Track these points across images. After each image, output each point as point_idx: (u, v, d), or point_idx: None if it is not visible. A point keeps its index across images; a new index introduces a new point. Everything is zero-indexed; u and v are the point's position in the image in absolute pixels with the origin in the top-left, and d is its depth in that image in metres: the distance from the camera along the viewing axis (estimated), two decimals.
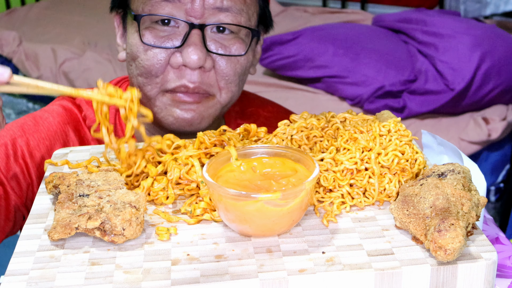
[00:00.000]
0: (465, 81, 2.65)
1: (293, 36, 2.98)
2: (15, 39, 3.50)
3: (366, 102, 2.75)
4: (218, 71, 1.21)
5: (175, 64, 1.19)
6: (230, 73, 1.22)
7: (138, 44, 1.21)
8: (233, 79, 1.23)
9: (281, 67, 2.97)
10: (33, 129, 1.24)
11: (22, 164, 1.20)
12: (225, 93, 1.24)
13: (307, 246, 0.82)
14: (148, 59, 1.20)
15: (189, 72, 1.19)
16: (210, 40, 1.20)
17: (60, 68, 3.32)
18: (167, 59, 1.20)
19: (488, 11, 3.32)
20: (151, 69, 1.20)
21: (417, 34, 2.91)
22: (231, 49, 1.22)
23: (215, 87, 1.23)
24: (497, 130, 2.64)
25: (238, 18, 1.20)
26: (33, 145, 1.22)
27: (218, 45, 1.21)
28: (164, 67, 1.20)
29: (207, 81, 1.21)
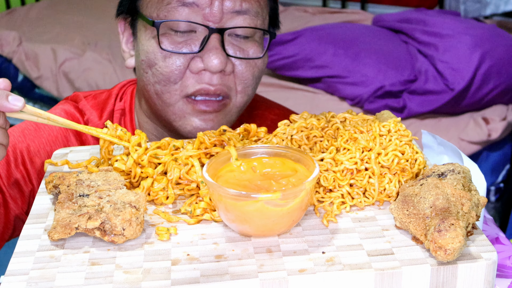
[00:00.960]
0: (465, 81, 2.65)
1: (293, 36, 2.98)
2: (15, 39, 3.50)
3: (366, 102, 2.75)
4: (238, 74, 1.21)
5: (196, 69, 1.18)
6: (249, 76, 1.22)
7: (156, 51, 1.19)
8: (251, 83, 1.23)
9: (281, 67, 2.97)
10: (33, 134, 1.23)
11: (23, 171, 1.20)
12: (241, 97, 1.23)
13: (307, 246, 0.82)
14: (167, 66, 1.18)
15: (209, 76, 1.18)
16: (228, 44, 1.20)
17: (60, 68, 3.32)
18: (186, 64, 1.19)
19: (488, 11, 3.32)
20: (170, 75, 1.19)
21: (417, 34, 2.91)
22: (248, 52, 1.22)
23: (233, 90, 1.22)
24: (497, 130, 2.64)
25: (255, 21, 1.20)
26: (34, 151, 1.22)
27: (236, 48, 1.20)
28: (183, 73, 1.19)
29: (227, 84, 1.21)
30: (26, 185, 1.20)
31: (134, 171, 0.95)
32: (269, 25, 1.28)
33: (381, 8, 4.15)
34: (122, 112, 1.32)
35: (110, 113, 1.31)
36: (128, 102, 1.34)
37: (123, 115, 1.32)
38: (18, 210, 1.19)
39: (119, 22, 1.30)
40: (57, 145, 1.24)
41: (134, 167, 0.95)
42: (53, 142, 1.24)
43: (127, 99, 1.34)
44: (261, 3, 1.22)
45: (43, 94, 3.48)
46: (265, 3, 1.24)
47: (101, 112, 1.31)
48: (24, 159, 1.20)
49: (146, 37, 1.21)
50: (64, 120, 0.99)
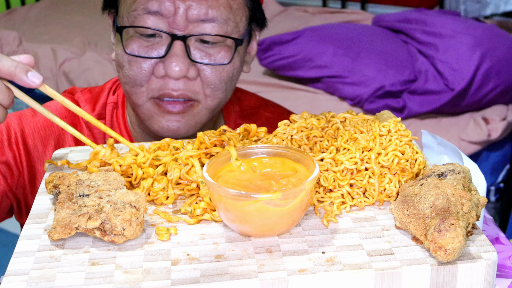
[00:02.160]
0: (465, 81, 2.65)
1: (293, 36, 2.98)
2: (15, 39, 3.50)
3: (366, 102, 2.75)
4: (204, 79, 1.21)
5: (159, 74, 1.20)
6: (216, 81, 1.22)
7: (123, 54, 1.21)
8: (219, 87, 1.23)
9: (281, 67, 2.97)
10: (30, 119, 1.26)
11: (15, 150, 1.22)
12: (210, 100, 1.23)
13: (307, 246, 0.82)
14: (132, 69, 1.20)
15: (172, 81, 1.19)
16: (194, 49, 1.20)
17: (60, 68, 3.32)
18: (151, 69, 1.20)
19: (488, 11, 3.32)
20: (136, 78, 1.20)
21: (417, 34, 2.91)
22: (216, 58, 1.21)
23: (201, 94, 1.22)
24: (497, 130, 2.64)
25: (224, 28, 1.20)
26: (28, 133, 1.24)
27: (203, 53, 1.20)
28: (148, 77, 1.20)
29: (192, 88, 1.21)
30: (16, 165, 1.22)
31: (136, 173, 0.95)
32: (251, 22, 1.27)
33: (381, 8, 4.15)
34: (114, 106, 1.34)
35: (103, 106, 1.33)
36: (121, 95, 1.36)
37: (115, 108, 1.34)
38: (7, 187, 1.21)
39: (109, 16, 1.32)
40: (52, 131, 1.27)
41: (135, 169, 0.95)
42: (48, 128, 1.26)
43: (120, 92, 1.36)
44: (234, 7, 1.21)
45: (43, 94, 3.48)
46: (240, 6, 1.23)
47: (94, 105, 1.33)
48: (18, 140, 1.23)
49: (117, 39, 1.24)
50: (76, 107, 1.02)
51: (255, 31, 1.32)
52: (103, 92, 1.36)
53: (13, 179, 1.22)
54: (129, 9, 1.19)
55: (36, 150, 1.24)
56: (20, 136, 1.23)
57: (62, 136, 1.28)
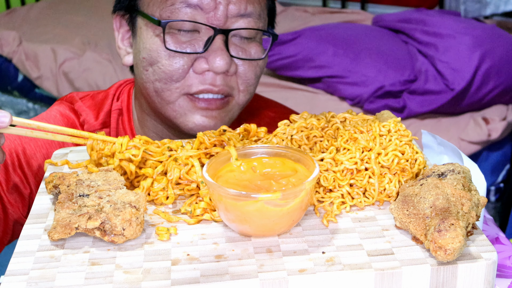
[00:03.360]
0: (465, 81, 2.65)
1: (293, 36, 2.98)
2: (15, 39, 3.50)
3: (366, 102, 2.75)
4: (241, 75, 1.22)
5: (200, 69, 1.19)
6: (252, 76, 1.23)
7: (160, 50, 1.19)
8: (253, 82, 1.25)
9: (281, 67, 2.97)
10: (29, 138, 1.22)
11: (21, 174, 1.19)
12: (243, 95, 1.25)
13: (307, 246, 0.82)
14: (171, 65, 1.19)
15: (212, 76, 1.19)
16: (231, 45, 1.20)
17: (60, 68, 3.32)
18: (190, 64, 1.19)
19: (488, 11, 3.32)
20: (173, 74, 1.19)
21: (417, 34, 2.91)
22: (251, 53, 1.23)
23: (236, 90, 1.23)
24: (497, 130, 2.64)
25: (258, 23, 1.22)
26: (30, 154, 1.21)
27: (239, 49, 1.21)
28: (186, 73, 1.20)
29: (230, 84, 1.22)
30: (25, 188, 1.20)
31: (129, 169, 0.94)
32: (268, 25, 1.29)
33: (381, 8, 4.15)
34: (119, 112, 1.32)
35: (107, 114, 1.31)
36: (125, 101, 1.34)
37: (120, 115, 1.32)
38: (17, 215, 1.19)
39: (114, 18, 1.30)
40: (53, 146, 1.23)
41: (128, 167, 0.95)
42: (49, 144, 1.23)
43: (124, 98, 1.34)
44: (262, 5, 1.23)
45: (43, 94, 3.48)
46: (265, 4, 1.25)
47: (98, 113, 1.30)
48: (21, 162, 1.20)
49: (148, 35, 1.21)
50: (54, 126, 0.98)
51: None
52: (107, 99, 1.34)
53: (24, 203, 1.20)
54: (163, 5, 1.18)
55: (41, 169, 1.22)
56: (23, 157, 1.21)
57: None
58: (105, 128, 1.30)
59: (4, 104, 3.62)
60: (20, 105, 3.59)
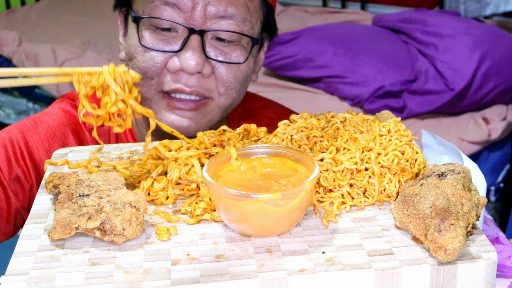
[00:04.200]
0: (465, 81, 2.65)
1: (293, 36, 2.98)
2: (15, 39, 3.50)
3: (366, 102, 2.75)
4: (218, 77, 1.21)
5: (173, 68, 1.19)
6: (231, 79, 1.21)
7: (136, 45, 1.20)
8: (234, 86, 1.22)
9: (281, 67, 2.97)
10: (32, 130, 1.24)
11: (23, 166, 1.20)
12: (224, 98, 1.23)
13: (307, 246, 0.82)
14: (145, 61, 1.19)
15: (186, 77, 1.19)
16: (210, 47, 1.19)
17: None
18: (164, 62, 1.19)
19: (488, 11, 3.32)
20: (147, 71, 1.19)
21: (417, 34, 2.91)
22: (231, 56, 1.20)
23: (215, 92, 1.22)
24: (497, 130, 2.64)
25: (241, 27, 1.19)
26: (32, 147, 1.22)
27: (218, 51, 1.20)
28: (160, 70, 1.19)
29: (206, 86, 1.20)
30: (26, 180, 1.20)
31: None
32: (262, 30, 1.27)
33: (381, 8, 4.15)
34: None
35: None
36: None
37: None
38: (20, 205, 1.19)
39: (119, 14, 1.31)
40: (55, 141, 1.25)
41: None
42: (51, 138, 1.24)
43: None
44: (251, 8, 1.21)
45: (43, 94, 3.48)
46: (256, 8, 1.23)
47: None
48: (24, 154, 1.21)
49: (131, 31, 1.23)
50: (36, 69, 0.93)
51: (265, 41, 1.32)
52: None
53: (25, 195, 1.20)
54: (145, 1, 1.19)
55: (42, 163, 1.22)
56: (26, 150, 1.21)
57: (66, 146, 1.26)
58: (104, 126, 1.30)
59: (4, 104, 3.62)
60: (20, 105, 3.59)
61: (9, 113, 3.61)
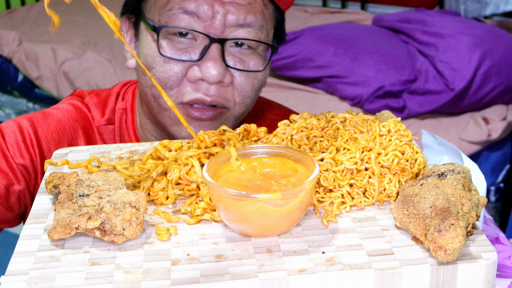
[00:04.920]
0: (465, 81, 2.65)
1: (293, 36, 2.98)
2: (15, 39, 3.51)
3: (366, 102, 2.75)
4: (237, 86, 1.19)
5: (193, 78, 1.17)
6: (248, 88, 1.20)
7: (155, 55, 1.18)
8: (250, 94, 1.21)
9: (281, 67, 2.97)
10: (42, 122, 1.24)
11: (32, 153, 1.20)
12: (240, 108, 1.22)
13: (307, 246, 0.82)
14: (165, 71, 1.17)
15: (206, 86, 1.17)
16: (228, 55, 1.18)
17: (60, 68, 3.32)
18: (184, 72, 1.17)
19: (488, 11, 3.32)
20: (167, 81, 1.17)
21: (417, 34, 2.91)
22: (249, 64, 1.19)
23: (231, 102, 1.20)
24: (497, 130, 2.64)
25: (259, 34, 1.18)
26: (42, 136, 1.22)
27: (237, 60, 1.18)
28: (180, 80, 1.18)
29: (224, 95, 1.19)
30: (33, 168, 1.20)
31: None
32: (274, 37, 1.26)
33: (381, 8, 4.15)
34: (123, 112, 1.32)
35: (112, 111, 1.32)
36: (130, 101, 1.33)
37: (124, 114, 1.32)
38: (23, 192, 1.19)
39: (123, 21, 1.29)
40: (65, 134, 1.25)
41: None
42: (61, 131, 1.24)
43: (128, 98, 1.34)
44: (266, 16, 1.20)
45: (43, 94, 3.48)
46: (271, 15, 1.22)
47: (103, 110, 1.31)
48: (33, 142, 1.21)
49: (147, 40, 1.20)
50: None
51: None
52: (111, 97, 1.33)
53: (31, 181, 1.20)
54: (162, 10, 1.17)
55: (50, 154, 1.22)
56: (35, 138, 1.21)
57: (75, 140, 1.26)
58: (110, 125, 1.31)
59: (4, 104, 3.63)
60: (20, 105, 3.59)
61: (9, 113, 3.61)
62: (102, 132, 1.29)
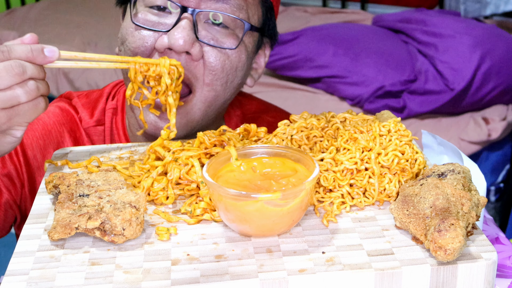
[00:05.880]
0: (465, 81, 2.65)
1: (293, 36, 2.98)
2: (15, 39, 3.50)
3: (366, 102, 2.75)
4: (206, 63, 1.16)
5: (161, 46, 1.15)
6: (218, 67, 1.17)
7: (128, 26, 1.18)
8: (220, 76, 1.18)
9: (281, 67, 2.97)
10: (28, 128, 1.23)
11: (16, 162, 1.19)
12: (207, 90, 1.18)
13: (307, 246, 0.82)
14: (135, 41, 1.16)
15: (174, 56, 1.15)
16: (202, 30, 1.16)
17: (60, 68, 3.32)
18: (154, 42, 1.16)
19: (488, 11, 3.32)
20: (137, 51, 1.16)
21: (417, 34, 2.91)
22: (223, 42, 1.17)
23: (200, 81, 1.18)
24: (497, 130, 2.64)
25: (236, 13, 1.17)
26: (26, 143, 1.21)
27: (210, 36, 1.17)
28: (150, 51, 1.16)
29: (193, 70, 1.16)
30: (18, 177, 1.20)
31: None
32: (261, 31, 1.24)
33: (381, 8, 4.15)
34: (113, 111, 1.31)
35: (102, 112, 1.30)
36: (121, 101, 1.32)
37: (114, 114, 1.31)
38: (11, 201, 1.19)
39: (121, 10, 1.29)
40: (51, 139, 1.24)
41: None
42: (46, 136, 1.23)
43: (119, 97, 1.33)
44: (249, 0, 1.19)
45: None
46: (255, 2, 1.20)
47: (92, 111, 1.30)
48: (17, 151, 1.20)
49: (127, 14, 1.21)
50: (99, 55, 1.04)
51: (265, 47, 1.30)
52: (102, 97, 1.32)
53: (16, 191, 1.19)
54: None
55: (35, 160, 1.21)
56: (20, 146, 1.20)
57: (62, 144, 1.25)
58: (99, 126, 1.29)
59: None
60: None
61: None
62: (91, 134, 1.28)
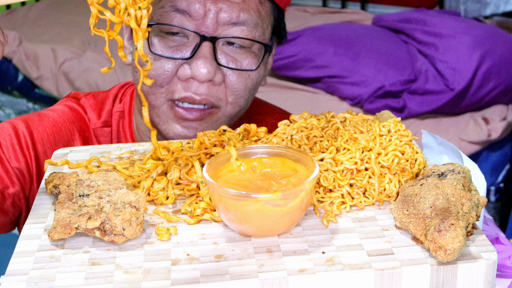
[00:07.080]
0: (465, 81, 2.65)
1: (293, 36, 2.98)
2: (15, 39, 3.50)
3: (366, 102, 2.75)
4: (229, 85, 1.18)
5: (183, 76, 1.16)
6: (241, 88, 1.19)
7: (146, 53, 1.17)
8: (243, 94, 1.20)
9: (281, 67, 2.97)
10: (37, 123, 1.23)
11: (27, 155, 1.19)
12: (232, 107, 1.20)
13: (307, 246, 0.82)
14: (155, 69, 1.16)
15: (196, 84, 1.16)
16: (221, 53, 1.17)
17: (60, 68, 3.32)
18: (175, 70, 1.16)
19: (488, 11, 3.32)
20: (157, 79, 1.17)
21: (417, 34, 2.91)
22: (242, 64, 1.18)
23: (223, 101, 1.19)
24: (497, 130, 2.64)
25: (253, 33, 1.17)
26: (37, 138, 1.21)
27: (229, 58, 1.17)
28: (170, 78, 1.17)
29: (216, 94, 1.18)
30: (28, 171, 1.19)
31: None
32: (273, 35, 1.25)
33: (381, 8, 4.15)
34: (121, 115, 1.31)
35: (109, 114, 1.31)
36: (128, 104, 1.32)
37: (122, 117, 1.31)
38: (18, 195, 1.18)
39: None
40: (61, 136, 1.24)
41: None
42: (57, 133, 1.23)
43: (126, 100, 1.33)
44: (262, 13, 1.18)
45: (43, 94, 3.48)
46: (267, 13, 1.20)
47: (100, 112, 1.30)
48: (28, 145, 1.20)
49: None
50: None
51: (274, 45, 1.30)
52: (108, 99, 1.33)
53: (26, 185, 1.19)
54: (154, 7, 1.16)
55: (45, 156, 1.21)
56: (30, 140, 1.20)
57: (72, 142, 1.25)
58: (106, 128, 1.30)
59: (4, 104, 3.62)
60: (20, 105, 3.59)
61: (9, 113, 3.61)
62: (98, 135, 1.28)
